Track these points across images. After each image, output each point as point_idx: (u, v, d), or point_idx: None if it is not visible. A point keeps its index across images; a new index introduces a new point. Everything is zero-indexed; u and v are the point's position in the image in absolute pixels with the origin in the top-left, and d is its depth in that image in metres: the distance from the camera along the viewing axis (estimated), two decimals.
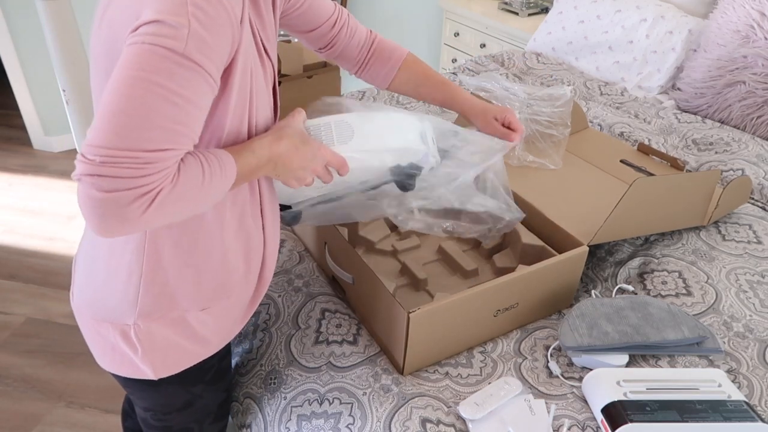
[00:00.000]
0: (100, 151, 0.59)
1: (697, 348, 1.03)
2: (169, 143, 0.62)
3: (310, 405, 0.97)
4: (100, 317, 0.84)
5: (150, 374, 0.87)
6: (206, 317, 0.87)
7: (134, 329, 0.83)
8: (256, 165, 0.76)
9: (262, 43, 0.81)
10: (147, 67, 0.61)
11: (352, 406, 0.95)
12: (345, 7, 3.21)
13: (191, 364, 0.90)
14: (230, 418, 1.11)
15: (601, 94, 2.06)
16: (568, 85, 2.04)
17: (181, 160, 0.66)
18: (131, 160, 0.59)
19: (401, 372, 0.99)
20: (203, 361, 0.92)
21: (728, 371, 1.00)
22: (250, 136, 0.79)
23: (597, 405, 0.90)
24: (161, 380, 0.89)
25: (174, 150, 0.63)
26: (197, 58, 0.64)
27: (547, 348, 1.06)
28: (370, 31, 1.09)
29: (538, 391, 0.98)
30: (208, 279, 0.84)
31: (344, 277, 1.10)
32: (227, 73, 0.71)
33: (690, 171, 1.59)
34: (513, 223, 1.06)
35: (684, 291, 1.16)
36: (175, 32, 0.62)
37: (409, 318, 0.91)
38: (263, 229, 0.89)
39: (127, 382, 0.92)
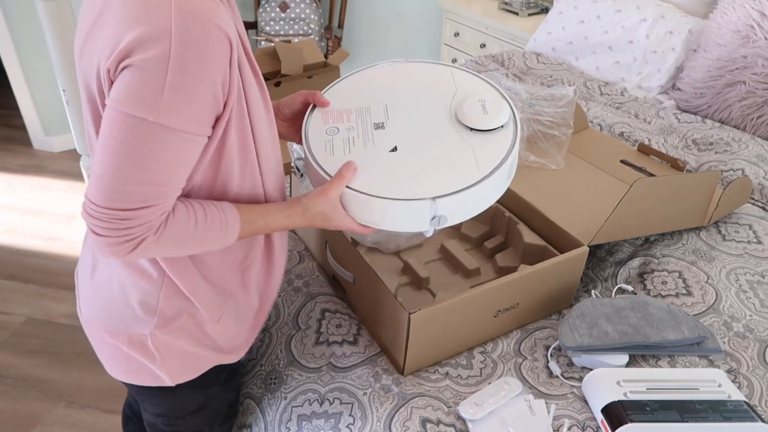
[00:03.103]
0: (90, 205, 0.67)
1: (697, 348, 1.03)
2: (145, 202, 0.67)
3: (311, 405, 0.97)
4: (114, 328, 0.84)
5: (167, 381, 0.87)
6: (220, 326, 0.88)
7: (151, 339, 0.83)
8: (275, 229, 0.83)
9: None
10: (120, 135, 0.64)
11: (352, 406, 0.95)
12: (345, 8, 3.22)
13: (207, 368, 0.90)
14: None
15: (601, 94, 2.06)
16: (570, 86, 2.04)
17: (173, 211, 0.71)
18: (111, 216, 0.66)
19: (401, 372, 0.99)
20: None
21: (728, 371, 1.01)
22: (253, 144, 0.79)
23: (597, 405, 0.91)
24: (177, 385, 0.89)
25: (153, 206, 0.68)
26: (172, 123, 0.65)
27: (547, 348, 1.06)
28: None
29: (538, 391, 0.98)
30: (210, 279, 0.85)
31: (345, 276, 1.10)
32: (219, 121, 0.71)
33: (690, 171, 1.59)
34: None
35: (684, 291, 1.16)
36: (147, 101, 0.63)
37: (410, 319, 0.91)
38: (268, 247, 0.90)
39: (140, 390, 0.92)
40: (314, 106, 0.94)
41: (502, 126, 0.90)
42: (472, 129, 0.90)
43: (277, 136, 0.86)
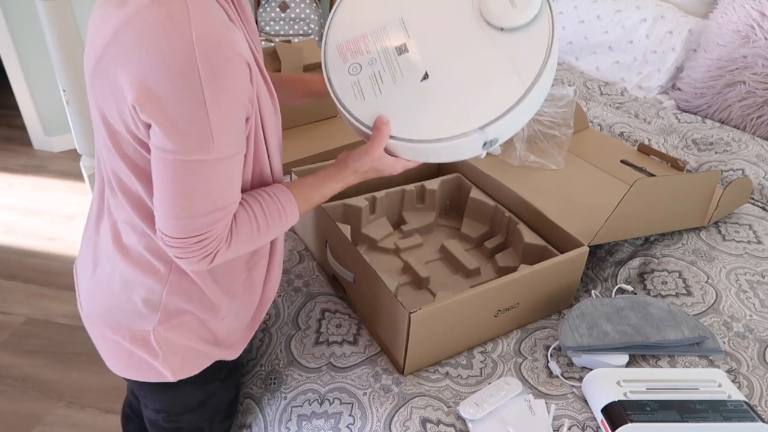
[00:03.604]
0: (168, 240, 0.72)
1: (697, 348, 1.03)
2: (213, 224, 0.72)
3: (311, 405, 0.97)
4: (116, 324, 0.84)
5: (169, 377, 0.87)
6: (223, 323, 0.89)
7: (154, 335, 0.83)
8: (330, 195, 0.86)
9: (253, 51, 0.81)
10: (182, 179, 0.68)
11: (352, 406, 0.95)
12: None
13: (209, 364, 0.91)
14: None
15: (601, 94, 2.06)
16: (570, 86, 2.04)
17: (235, 220, 0.74)
18: (188, 243, 0.71)
19: (402, 372, 0.99)
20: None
21: (728, 371, 1.01)
22: (262, 148, 0.80)
23: (597, 405, 0.90)
24: (179, 381, 0.89)
25: (217, 225, 0.72)
26: (227, 152, 0.68)
27: (547, 348, 1.06)
28: None
29: (538, 391, 0.98)
30: (220, 282, 0.85)
31: (345, 275, 1.10)
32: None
33: (690, 171, 1.59)
34: None
35: (684, 291, 1.16)
36: (200, 143, 0.65)
37: (410, 318, 0.91)
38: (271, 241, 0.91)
39: (142, 386, 0.92)
40: (326, 45, 0.89)
41: (535, 16, 0.79)
42: (502, 29, 0.80)
43: (281, 124, 0.87)
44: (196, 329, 0.86)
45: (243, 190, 0.80)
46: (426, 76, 0.81)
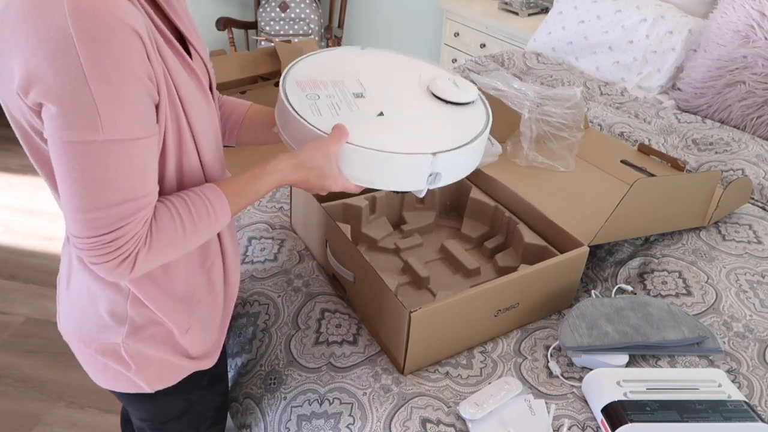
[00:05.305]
0: (77, 241, 0.66)
1: (697, 348, 1.03)
2: (125, 219, 0.65)
3: (310, 405, 0.97)
4: (87, 337, 0.83)
5: (146, 388, 0.86)
6: (190, 336, 0.87)
7: (124, 347, 0.82)
8: (266, 191, 0.79)
9: (185, 45, 0.77)
10: (77, 165, 0.61)
11: (352, 406, 0.95)
12: (344, 8, 3.22)
13: (185, 375, 0.90)
14: (230, 418, 1.11)
15: (601, 94, 2.06)
16: (577, 87, 2.04)
17: (154, 216, 0.68)
18: (100, 243, 0.65)
19: (402, 371, 0.99)
20: None
21: (728, 371, 1.01)
22: (189, 141, 0.75)
23: (597, 405, 0.90)
24: (157, 392, 0.88)
25: (131, 221, 0.66)
26: (120, 135, 0.61)
27: (547, 348, 1.06)
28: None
29: (538, 391, 0.98)
30: (175, 292, 0.83)
31: (345, 275, 1.10)
32: (157, 113, 0.67)
33: (690, 171, 1.59)
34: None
35: (684, 291, 1.16)
36: (86, 121, 0.59)
37: (410, 317, 0.91)
38: (219, 238, 0.88)
39: (123, 396, 0.91)
40: (287, 74, 0.91)
41: (473, 102, 0.96)
42: (448, 102, 0.94)
43: (215, 116, 0.82)
44: (168, 341, 0.84)
45: (171, 191, 0.74)
46: (381, 114, 0.89)
